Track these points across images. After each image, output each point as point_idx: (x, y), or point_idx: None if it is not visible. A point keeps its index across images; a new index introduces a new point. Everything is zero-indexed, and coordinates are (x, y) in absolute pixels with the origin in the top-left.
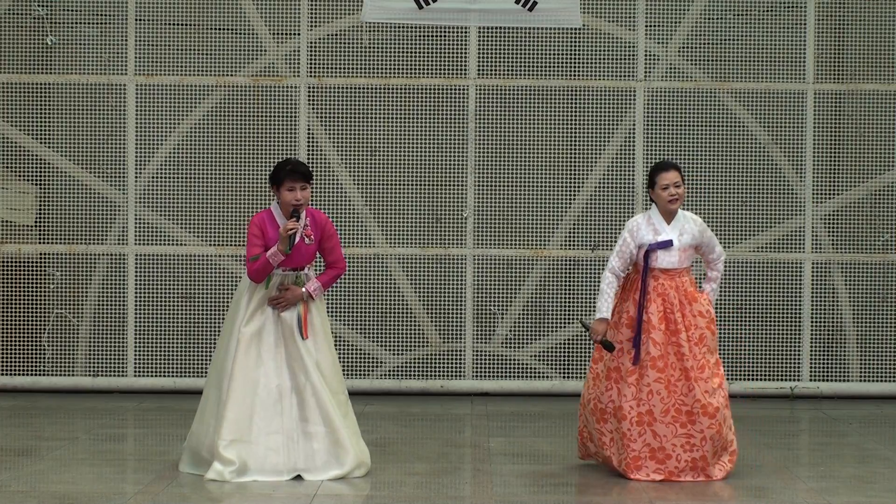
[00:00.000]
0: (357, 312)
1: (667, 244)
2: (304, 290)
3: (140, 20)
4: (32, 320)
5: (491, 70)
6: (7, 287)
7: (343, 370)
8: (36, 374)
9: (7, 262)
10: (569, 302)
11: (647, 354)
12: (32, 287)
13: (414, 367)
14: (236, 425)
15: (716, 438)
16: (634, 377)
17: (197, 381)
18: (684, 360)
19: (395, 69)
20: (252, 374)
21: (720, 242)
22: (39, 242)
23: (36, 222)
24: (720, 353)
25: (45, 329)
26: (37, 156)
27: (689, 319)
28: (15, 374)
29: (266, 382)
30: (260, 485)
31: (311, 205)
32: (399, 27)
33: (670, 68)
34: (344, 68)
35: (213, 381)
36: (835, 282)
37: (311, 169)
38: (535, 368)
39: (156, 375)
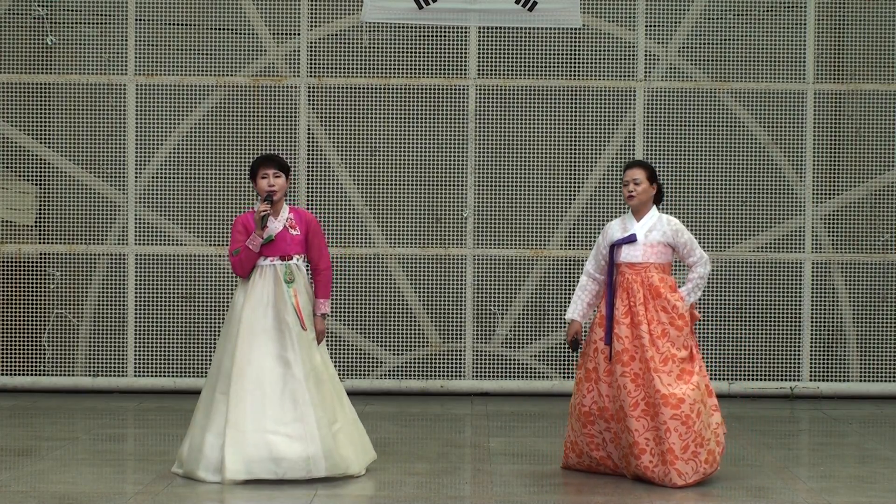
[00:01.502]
0: (357, 312)
1: (630, 238)
2: (320, 314)
3: (140, 20)
4: (32, 320)
5: (491, 70)
6: (7, 287)
7: (343, 370)
8: (36, 374)
9: (7, 262)
10: (569, 302)
11: (614, 350)
12: (32, 287)
13: (414, 367)
14: (238, 417)
15: (682, 431)
16: (609, 376)
17: (197, 381)
18: (645, 351)
19: (395, 69)
20: (254, 367)
21: (720, 243)
22: (39, 242)
23: (36, 222)
24: (721, 354)
25: (45, 329)
26: (37, 156)
27: (651, 313)
28: (15, 374)
29: (266, 376)
30: (260, 485)
31: (310, 206)
32: (399, 27)
33: (670, 68)
34: (344, 68)
35: (211, 384)
36: (835, 282)
37: (288, 161)
38: (535, 368)
39: (156, 375)
